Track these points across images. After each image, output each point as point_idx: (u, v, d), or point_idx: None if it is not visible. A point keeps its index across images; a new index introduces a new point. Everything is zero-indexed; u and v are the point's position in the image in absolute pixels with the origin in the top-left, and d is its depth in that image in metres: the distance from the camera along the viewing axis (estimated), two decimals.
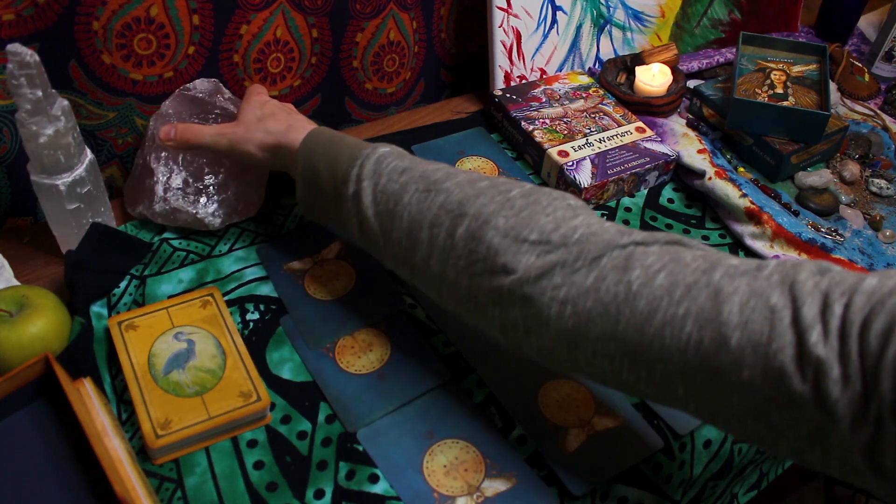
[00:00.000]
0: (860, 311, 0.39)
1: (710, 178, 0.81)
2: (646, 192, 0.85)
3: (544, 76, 0.95)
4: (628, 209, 0.82)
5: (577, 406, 0.62)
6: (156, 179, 0.70)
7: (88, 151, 0.65)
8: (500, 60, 0.91)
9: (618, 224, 0.51)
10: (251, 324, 0.66)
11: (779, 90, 0.88)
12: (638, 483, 0.59)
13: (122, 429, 0.57)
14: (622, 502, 0.58)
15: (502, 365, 0.64)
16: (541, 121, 0.86)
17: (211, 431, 0.57)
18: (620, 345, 0.45)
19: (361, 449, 0.58)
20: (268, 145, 0.65)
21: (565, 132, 0.85)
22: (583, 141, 0.84)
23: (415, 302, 0.69)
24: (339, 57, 0.86)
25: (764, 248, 0.76)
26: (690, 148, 0.85)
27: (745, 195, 0.78)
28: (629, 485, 0.59)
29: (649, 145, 0.85)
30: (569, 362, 0.49)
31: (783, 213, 0.79)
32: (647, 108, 0.91)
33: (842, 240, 0.77)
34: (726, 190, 0.79)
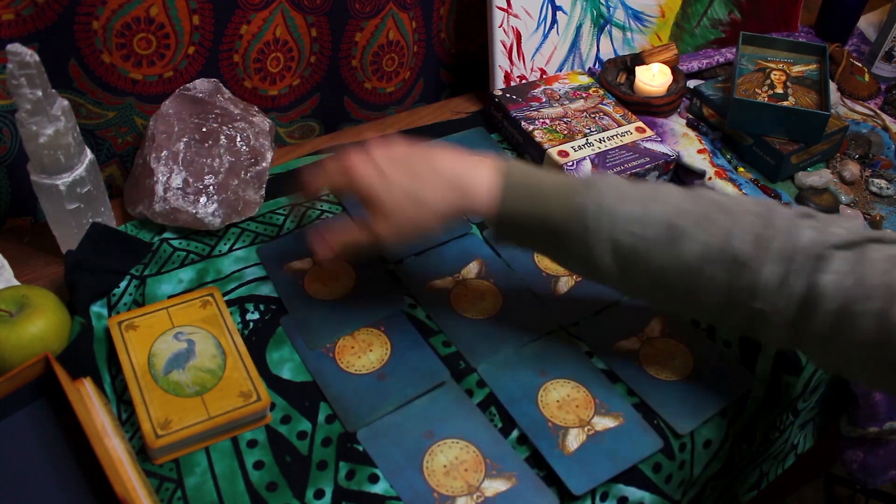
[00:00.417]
0: None
1: (710, 178, 0.81)
2: None
3: (544, 76, 0.95)
4: None
5: (577, 406, 0.62)
6: (156, 179, 0.70)
7: (88, 151, 0.65)
8: (500, 60, 0.91)
9: (830, 220, 0.54)
10: (251, 324, 0.66)
11: (779, 90, 0.88)
12: (638, 483, 0.59)
13: (122, 429, 0.57)
14: (622, 502, 0.58)
15: (502, 365, 0.64)
16: (541, 121, 0.86)
17: (211, 431, 0.57)
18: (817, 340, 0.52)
19: (361, 449, 0.58)
20: (446, 217, 0.57)
21: (565, 132, 0.85)
22: (583, 141, 0.84)
23: (415, 302, 0.69)
24: (338, 56, 0.86)
25: None
26: (690, 148, 0.85)
27: (745, 195, 0.78)
28: (629, 485, 0.59)
29: (649, 145, 0.85)
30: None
31: None
32: (647, 108, 0.91)
33: None
34: (726, 190, 0.79)
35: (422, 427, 0.59)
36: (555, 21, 0.93)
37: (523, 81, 0.94)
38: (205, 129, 0.73)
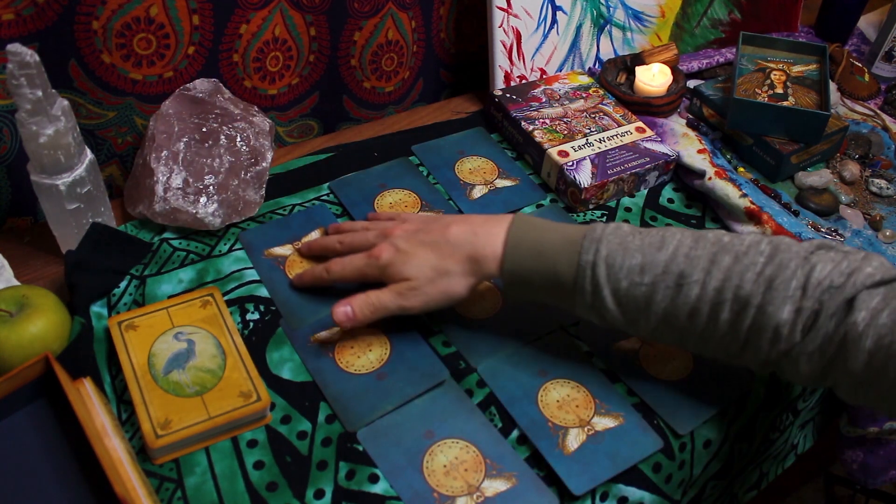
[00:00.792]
0: None
1: (710, 178, 0.81)
2: (646, 192, 0.85)
3: (544, 76, 0.95)
4: (628, 209, 0.82)
5: (577, 406, 0.62)
6: (156, 179, 0.70)
7: (88, 151, 0.65)
8: (500, 60, 0.91)
9: (853, 255, 0.54)
10: (251, 324, 0.66)
11: (779, 90, 0.88)
12: (638, 483, 0.59)
13: (122, 429, 0.57)
14: (622, 502, 0.58)
15: (502, 365, 0.64)
16: (541, 121, 0.86)
17: (211, 431, 0.57)
18: (853, 379, 0.51)
19: (361, 449, 0.58)
20: (470, 284, 0.62)
21: (565, 132, 0.85)
22: (583, 141, 0.84)
23: None
24: (336, 56, 0.86)
25: None
26: (690, 148, 0.85)
27: (745, 195, 0.78)
28: (629, 485, 0.59)
29: (649, 145, 0.85)
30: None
31: (783, 213, 0.79)
32: (647, 108, 0.91)
33: (842, 240, 0.77)
34: (726, 190, 0.79)
35: (422, 427, 0.59)
36: (555, 21, 0.93)
37: (523, 81, 0.94)
38: (205, 129, 0.73)
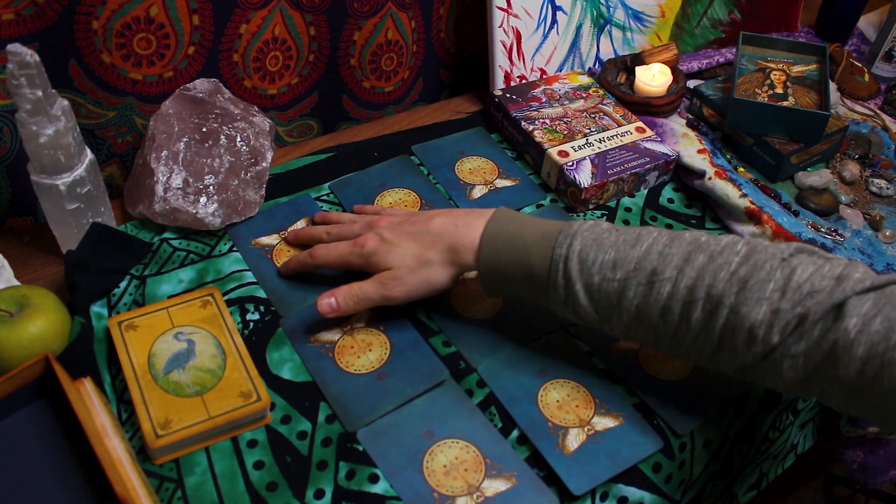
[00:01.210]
0: None
1: (710, 178, 0.81)
2: (646, 192, 0.85)
3: (544, 76, 0.95)
4: (628, 209, 0.82)
5: (577, 406, 0.62)
6: (156, 179, 0.70)
7: (88, 151, 0.65)
8: (500, 60, 0.91)
9: (836, 261, 0.52)
10: (251, 324, 0.66)
11: (779, 90, 0.88)
12: (638, 483, 0.59)
13: (122, 429, 0.57)
14: (622, 502, 0.58)
15: (502, 365, 0.64)
16: (541, 121, 0.86)
17: (211, 431, 0.57)
18: (843, 387, 0.50)
19: (361, 449, 0.58)
20: (451, 274, 0.62)
21: (565, 132, 0.85)
22: (583, 141, 0.84)
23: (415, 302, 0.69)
24: (336, 55, 0.86)
25: None
26: (690, 148, 0.85)
27: (745, 195, 0.79)
28: (629, 485, 0.59)
29: (649, 145, 0.85)
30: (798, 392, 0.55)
31: (783, 213, 0.79)
32: (647, 108, 0.91)
33: (842, 240, 0.77)
34: (726, 190, 0.79)
35: (422, 427, 0.59)
36: (555, 21, 0.93)
37: (523, 81, 0.94)
38: (205, 129, 0.73)
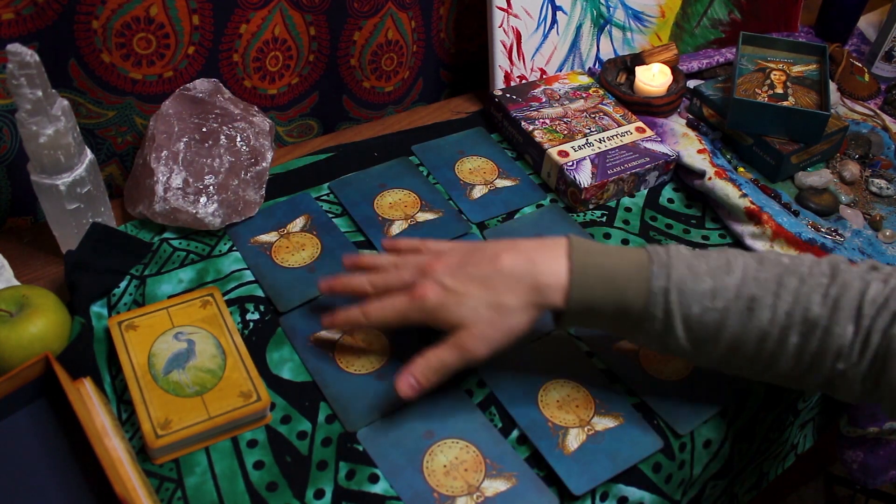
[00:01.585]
0: None
1: (710, 178, 0.81)
2: (646, 192, 0.85)
3: (544, 76, 0.95)
4: (628, 209, 0.82)
5: (577, 406, 0.62)
6: (156, 179, 0.70)
7: (88, 151, 0.65)
8: (500, 60, 0.91)
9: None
10: (251, 324, 0.66)
11: (779, 90, 0.88)
12: (638, 483, 0.59)
13: (122, 429, 0.57)
14: (622, 502, 0.58)
15: (502, 365, 0.64)
16: (541, 121, 0.86)
17: (211, 431, 0.57)
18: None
19: (361, 449, 0.58)
20: (533, 317, 0.56)
21: (565, 132, 0.85)
22: (583, 141, 0.84)
23: None
24: (336, 55, 0.86)
25: (764, 248, 0.76)
26: (690, 148, 0.85)
27: (745, 195, 0.78)
28: (629, 485, 0.59)
29: (649, 145, 0.85)
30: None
31: (783, 213, 0.79)
32: (647, 108, 0.91)
33: (842, 240, 0.77)
34: (726, 190, 0.79)
35: (422, 427, 0.59)
36: (555, 21, 0.93)
37: (523, 81, 0.94)
38: (205, 129, 0.73)
